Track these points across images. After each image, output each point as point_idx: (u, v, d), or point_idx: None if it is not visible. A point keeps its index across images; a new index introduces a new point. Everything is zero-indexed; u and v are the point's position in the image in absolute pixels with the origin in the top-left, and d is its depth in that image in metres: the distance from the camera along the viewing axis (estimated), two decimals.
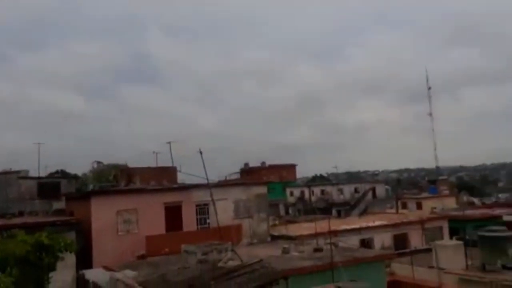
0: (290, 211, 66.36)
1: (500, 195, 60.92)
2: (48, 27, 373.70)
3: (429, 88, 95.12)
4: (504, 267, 17.44)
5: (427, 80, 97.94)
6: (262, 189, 30.93)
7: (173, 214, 28.30)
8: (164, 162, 37.74)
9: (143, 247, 26.36)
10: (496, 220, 36.72)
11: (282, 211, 62.53)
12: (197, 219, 29.43)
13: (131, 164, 41.04)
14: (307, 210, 60.98)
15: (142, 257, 25.75)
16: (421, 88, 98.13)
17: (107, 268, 22.33)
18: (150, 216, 27.41)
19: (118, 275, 19.55)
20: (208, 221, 29.29)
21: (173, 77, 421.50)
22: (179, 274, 13.85)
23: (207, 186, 27.54)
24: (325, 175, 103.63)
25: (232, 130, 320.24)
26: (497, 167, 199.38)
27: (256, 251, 23.76)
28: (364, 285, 8.33)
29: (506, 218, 36.69)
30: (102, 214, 26.13)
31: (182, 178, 31.43)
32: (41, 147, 42.16)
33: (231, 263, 13.67)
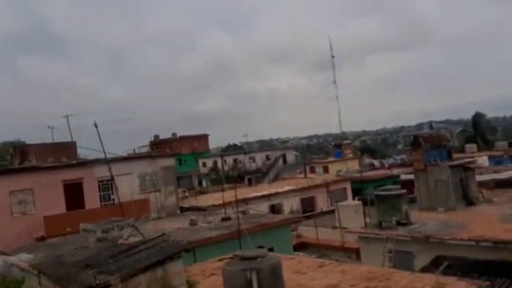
0: (203, 182, 65.99)
1: (397, 157, 64.82)
2: None
3: (333, 57, 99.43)
4: (398, 223, 18.31)
5: (331, 49, 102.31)
6: (169, 161, 30.29)
7: (73, 192, 26.90)
8: (68, 137, 35.50)
9: (42, 229, 24.78)
10: (393, 179, 39.13)
11: (195, 183, 61.83)
12: (100, 195, 28.44)
13: (32, 141, 38.05)
14: (219, 180, 61.32)
15: (41, 239, 24.26)
16: (327, 57, 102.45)
17: (1, 252, 20.69)
18: (48, 195, 25.84)
19: (13, 259, 18.18)
20: (112, 197, 28.11)
21: (76, 47, 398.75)
22: (75, 254, 12.99)
23: (109, 161, 26.48)
24: (238, 144, 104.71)
25: (142, 101, 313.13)
26: (396, 130, 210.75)
27: (163, 225, 23.37)
28: (263, 251, 8.21)
29: (403, 177, 38.74)
30: None
31: (86, 154, 29.75)
32: None
33: (132, 240, 13.05)
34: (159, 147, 63.59)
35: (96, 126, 21.57)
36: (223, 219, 22.78)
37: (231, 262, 8.54)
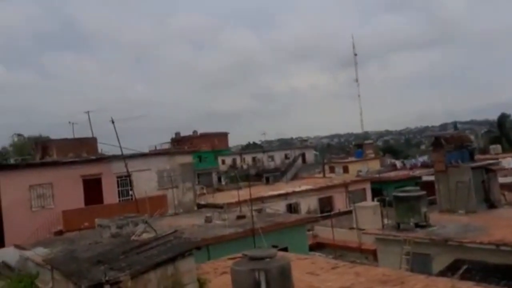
0: (222, 180, 66.13)
1: (420, 158, 63.41)
2: None
3: (355, 55, 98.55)
4: (416, 225, 17.88)
5: (353, 47, 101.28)
6: (187, 158, 30.20)
7: (92, 187, 27.09)
8: (96, 133, 35.88)
9: (60, 223, 25.06)
10: (415, 180, 38.18)
11: (214, 180, 61.96)
12: (119, 191, 28.49)
13: (56, 136, 38.65)
14: (238, 178, 61.47)
15: (59, 233, 24.51)
16: (351, 55, 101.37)
17: (18, 246, 20.99)
18: (67, 190, 26.09)
19: (28, 253, 18.39)
20: (130, 192, 28.14)
21: (101, 44, 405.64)
22: (89, 249, 13.00)
23: (128, 157, 26.62)
24: (258, 142, 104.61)
25: (165, 98, 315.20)
26: (420, 130, 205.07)
27: (179, 221, 23.35)
28: (272, 252, 8.04)
29: (425, 178, 37.53)
30: (12, 190, 24.45)
31: (107, 149, 29.96)
32: None
33: (145, 236, 13.01)
34: (180, 144, 63.57)
35: (113, 122, 21.70)
36: (238, 217, 22.63)
37: (240, 262, 8.41)
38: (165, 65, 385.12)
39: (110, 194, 27.95)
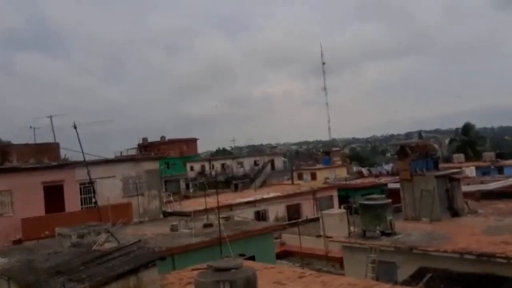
0: (190, 187, 65.38)
1: (386, 166, 64.22)
2: None
3: (323, 63, 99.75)
4: (382, 233, 17.94)
5: (322, 55, 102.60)
6: (154, 165, 29.64)
7: (53, 195, 26.16)
8: (61, 137, 34.92)
9: (19, 231, 24.14)
10: (381, 188, 38.74)
11: (182, 186, 61.37)
12: (81, 198, 27.57)
13: (19, 141, 37.24)
14: (206, 185, 60.96)
15: (18, 242, 23.62)
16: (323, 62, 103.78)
17: None
18: (27, 197, 25.12)
19: None
20: (94, 200, 27.39)
21: (72, 45, 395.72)
22: (48, 259, 12.51)
23: (92, 163, 25.98)
24: (228, 148, 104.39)
25: (136, 101, 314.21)
26: (386, 138, 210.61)
27: (144, 230, 22.89)
28: (238, 262, 7.84)
29: (391, 186, 38.09)
30: None
31: (71, 155, 29.02)
32: None
33: (108, 246, 12.60)
34: (147, 149, 62.93)
35: (75, 127, 21.59)
36: (205, 226, 22.35)
37: (205, 273, 8.18)
38: (139, 67, 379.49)
39: (72, 201, 27.07)
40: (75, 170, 26.84)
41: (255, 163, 73.97)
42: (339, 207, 32.52)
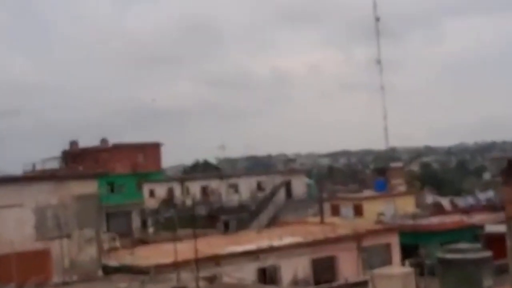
0: (149, 224, 48.53)
1: (482, 194, 46.77)
2: None
3: (377, 20, 59.98)
4: None
5: (375, 6, 61.57)
6: (88, 186, 21.69)
7: None
8: None
9: None
10: (474, 231, 31.82)
11: (136, 223, 46.67)
12: None
13: None
14: (173, 221, 47.43)
15: None
16: (372, 19, 58.08)
17: None
18: None
19: None
20: None
21: None
22: None
23: None
24: (213, 161, 78.57)
25: (62, 80, 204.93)
26: (482, 148, 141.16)
27: None
28: None
29: (489, 228, 30.75)
30: None
31: None
32: None
33: None
34: (78, 160, 47.50)
35: None
36: None
37: None
38: (63, 22, 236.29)
39: None
40: None
41: (259, 187, 57.02)
42: (402, 264, 25.87)
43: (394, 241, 29.37)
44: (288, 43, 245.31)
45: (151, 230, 42.37)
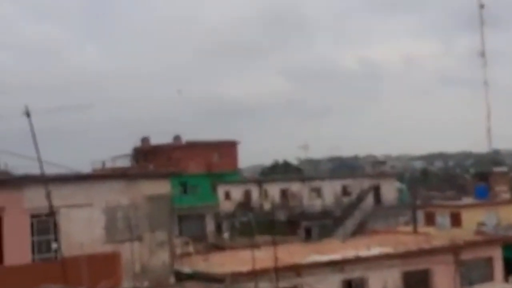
0: (224, 229, 49.75)
1: None
2: None
3: (482, 7, 58.23)
4: None
5: None
6: (161, 187, 20.20)
7: None
8: None
9: None
10: None
11: (210, 227, 44.59)
12: (33, 242, 18.01)
13: None
14: (253, 226, 45.49)
15: None
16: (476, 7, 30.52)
17: None
18: None
19: None
20: (54, 246, 18.09)
21: None
22: None
23: (53, 180, 17.82)
24: (294, 162, 74.55)
25: (132, 70, 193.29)
26: None
27: None
28: None
29: None
30: None
31: (15, 164, 19.03)
32: None
33: None
34: (149, 158, 44.89)
35: (28, 115, 16.29)
36: None
37: None
38: (136, 13, 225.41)
39: (17, 246, 17.76)
40: (24, 191, 18.00)
41: (344, 191, 53.85)
42: (505, 280, 24.19)
43: (497, 255, 27.31)
44: (379, 33, 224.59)
45: (226, 235, 40.31)
